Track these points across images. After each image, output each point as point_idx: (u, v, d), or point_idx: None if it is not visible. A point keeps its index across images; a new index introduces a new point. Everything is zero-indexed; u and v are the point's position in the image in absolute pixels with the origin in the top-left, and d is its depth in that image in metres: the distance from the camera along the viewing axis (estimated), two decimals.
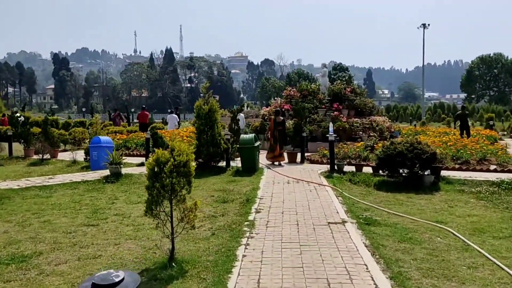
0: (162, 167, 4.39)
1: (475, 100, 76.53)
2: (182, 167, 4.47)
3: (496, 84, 78.61)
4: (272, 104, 20.33)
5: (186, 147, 4.56)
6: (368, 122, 17.81)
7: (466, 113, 18.63)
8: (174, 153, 4.48)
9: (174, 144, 4.53)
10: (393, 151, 9.62)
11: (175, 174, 4.42)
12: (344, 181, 10.32)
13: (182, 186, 4.50)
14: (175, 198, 4.53)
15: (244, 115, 51.45)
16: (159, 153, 4.46)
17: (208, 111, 12.02)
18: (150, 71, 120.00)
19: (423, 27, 60.35)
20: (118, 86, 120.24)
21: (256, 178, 10.73)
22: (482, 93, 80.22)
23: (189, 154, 4.56)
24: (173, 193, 4.45)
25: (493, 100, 72.75)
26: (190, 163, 4.56)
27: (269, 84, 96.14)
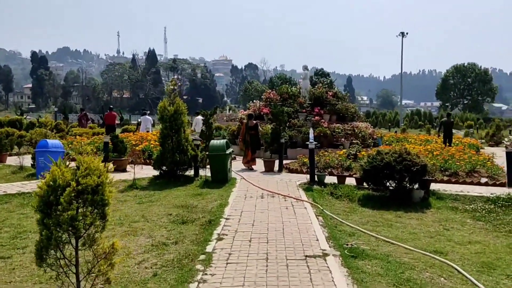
0: (59, 194, 3.05)
1: (450, 108, 77.48)
2: (91, 194, 3.14)
3: (469, 92, 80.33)
4: (251, 107, 19.10)
5: (98, 163, 3.25)
6: (350, 128, 16.75)
7: (452, 121, 17.74)
8: (79, 173, 3.15)
9: (80, 158, 3.20)
10: (380, 162, 8.48)
11: (81, 203, 3.11)
12: (325, 195, 9.15)
13: (91, 221, 3.17)
14: (82, 238, 3.20)
15: (226, 118, 50.11)
16: (56, 172, 3.11)
17: (173, 113, 10.69)
18: (132, 72, 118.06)
19: (401, 35, 60.38)
20: (98, 87, 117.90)
21: (226, 191, 9.45)
22: (456, 101, 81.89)
23: (104, 173, 3.25)
24: (75, 232, 3.10)
25: (467, 108, 73.77)
26: (105, 188, 3.24)
27: (252, 88, 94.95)
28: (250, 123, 13.14)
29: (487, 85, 78.03)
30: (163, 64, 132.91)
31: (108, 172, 3.35)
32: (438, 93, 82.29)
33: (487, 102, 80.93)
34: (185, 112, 11.05)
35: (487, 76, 78.57)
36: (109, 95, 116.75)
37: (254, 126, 13.11)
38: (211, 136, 12.63)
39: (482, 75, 78.27)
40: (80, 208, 3.13)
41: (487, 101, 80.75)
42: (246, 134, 12.97)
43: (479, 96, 78.88)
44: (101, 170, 3.21)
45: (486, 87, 77.80)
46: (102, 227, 3.27)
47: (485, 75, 78.55)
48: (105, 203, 3.23)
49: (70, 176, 3.09)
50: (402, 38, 57.97)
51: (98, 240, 3.32)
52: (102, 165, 3.37)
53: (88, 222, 3.13)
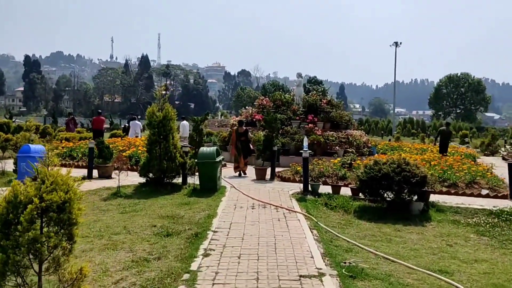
0: (20, 212, 2.58)
1: (443, 117, 77.70)
2: (56, 211, 2.67)
3: (462, 102, 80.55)
4: (243, 114, 18.68)
5: (67, 177, 2.77)
6: (344, 136, 16.38)
7: (450, 131, 17.46)
8: (44, 188, 2.67)
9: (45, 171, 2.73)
10: (377, 172, 8.08)
11: (45, 223, 2.63)
12: (319, 206, 8.72)
13: (56, 243, 2.69)
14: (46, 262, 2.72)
15: (218, 124, 49.62)
16: (18, 187, 2.63)
17: (162, 119, 10.23)
18: (124, 77, 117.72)
19: (395, 45, 60.58)
20: (90, 91, 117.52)
21: (215, 200, 8.98)
22: (449, 110, 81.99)
23: (72, 188, 2.77)
24: (38, 255, 2.62)
25: (460, 118, 74.01)
26: (74, 205, 2.76)
27: (244, 94, 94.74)
28: (240, 129, 13.10)
29: (480, 95, 78.20)
30: (156, 69, 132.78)
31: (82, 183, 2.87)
32: (431, 102, 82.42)
33: (480, 111, 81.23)
34: (174, 118, 10.60)
35: (480, 86, 78.80)
36: (101, 99, 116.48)
37: (244, 132, 13.10)
38: (201, 142, 12.17)
39: (475, 85, 78.47)
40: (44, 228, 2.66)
41: (480, 111, 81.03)
42: (237, 140, 12.90)
43: (472, 105, 79.08)
44: (69, 185, 2.74)
45: (479, 97, 77.98)
46: (69, 249, 2.79)
47: (478, 85, 78.77)
48: (72, 222, 2.76)
49: (34, 192, 2.61)
50: (395, 48, 58.15)
51: (65, 264, 2.84)
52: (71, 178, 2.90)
53: (53, 244, 2.65)
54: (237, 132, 13.06)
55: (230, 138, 16.18)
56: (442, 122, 66.14)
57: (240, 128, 13.22)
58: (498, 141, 24.35)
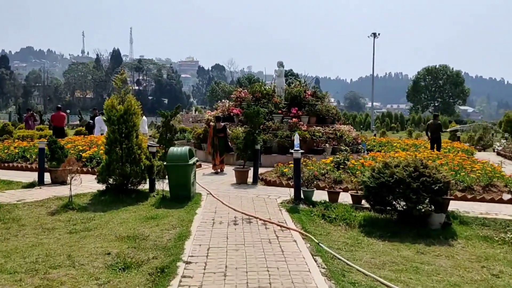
0: None
1: (421, 110, 77.48)
2: None
3: (440, 95, 79.91)
4: (219, 108, 16.98)
5: None
6: (332, 131, 14.93)
7: (439, 123, 16.21)
8: None
9: None
10: (390, 178, 6.58)
11: None
12: (316, 218, 7.19)
13: None
14: None
15: (192, 119, 47.65)
16: None
17: (123, 113, 8.46)
18: (95, 72, 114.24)
19: (373, 36, 59.97)
20: (60, 86, 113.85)
21: (188, 212, 7.32)
22: (427, 103, 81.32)
23: None
24: None
25: (438, 111, 73.97)
26: None
27: (219, 89, 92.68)
28: (218, 125, 12.52)
29: (459, 88, 77.61)
30: (128, 64, 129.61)
31: None
32: (409, 95, 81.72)
33: (458, 104, 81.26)
34: (139, 113, 8.85)
35: (459, 79, 78.09)
36: (72, 95, 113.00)
37: (222, 128, 12.55)
38: (172, 141, 10.44)
39: (454, 77, 77.70)
40: None
41: (459, 104, 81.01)
42: (214, 137, 12.37)
43: (450, 98, 78.77)
44: None
45: (457, 90, 77.48)
46: None
47: (457, 77, 78.05)
48: None
49: None
50: (374, 39, 57.44)
51: None
52: None
53: None
54: (215, 128, 12.44)
55: (207, 135, 14.62)
56: (414, 116, 65.98)
57: (218, 124, 12.55)
58: (490, 135, 23.44)
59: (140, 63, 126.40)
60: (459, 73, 79.46)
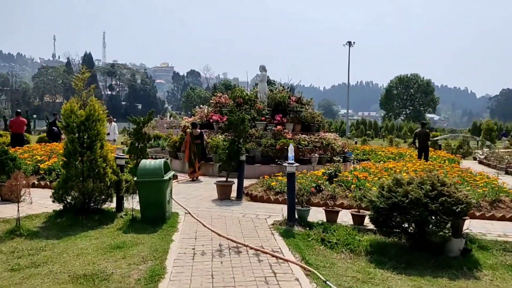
0: None
1: (393, 118, 78.43)
2: None
3: (412, 103, 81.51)
4: (197, 113, 15.76)
5: None
6: (318, 139, 13.94)
7: (427, 131, 15.51)
8: None
9: None
10: (403, 198, 5.56)
11: None
12: (315, 244, 6.10)
13: None
14: None
15: (167, 125, 45.97)
16: None
17: (85, 120, 7.17)
18: (66, 76, 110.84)
19: (348, 44, 60.00)
20: (29, 91, 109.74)
21: (163, 239, 6.10)
22: (399, 111, 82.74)
23: None
24: None
25: (410, 118, 74.93)
26: None
27: (194, 94, 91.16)
28: (194, 132, 12.41)
29: (429, 96, 79.37)
30: (101, 68, 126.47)
31: None
32: (382, 103, 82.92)
33: (428, 112, 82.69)
34: (104, 119, 7.56)
35: (429, 87, 79.90)
36: (41, 99, 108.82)
37: (199, 135, 12.49)
38: (145, 151, 9.18)
39: (425, 86, 79.43)
40: None
41: (429, 111, 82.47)
42: (192, 144, 12.09)
43: (421, 106, 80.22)
44: None
45: (428, 98, 79.23)
46: None
47: (428, 86, 79.87)
48: None
49: None
50: (349, 47, 57.43)
51: None
52: None
53: None
54: (192, 135, 12.21)
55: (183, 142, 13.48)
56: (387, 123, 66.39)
57: (195, 130, 12.48)
58: (469, 143, 23.05)
59: (113, 68, 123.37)
60: (429, 82, 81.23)
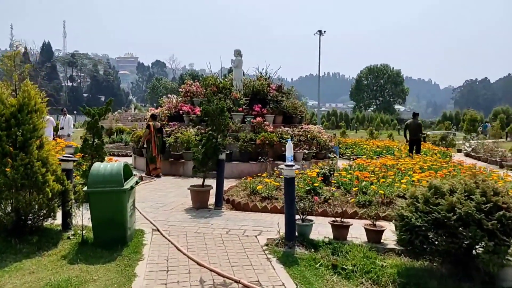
0: None
1: (364, 109, 78.41)
2: None
3: (382, 93, 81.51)
4: (165, 104, 13.98)
5: None
6: (301, 132, 12.50)
7: (419, 123, 14.35)
8: None
9: None
10: (449, 212, 4.16)
11: None
12: (325, 272, 4.65)
13: None
14: None
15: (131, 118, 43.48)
16: None
17: (17, 111, 5.38)
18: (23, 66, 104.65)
19: (319, 33, 58.92)
20: None
21: (122, 273, 4.46)
22: (370, 102, 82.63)
23: None
24: None
25: (380, 109, 75.14)
26: None
27: (160, 85, 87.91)
28: (156, 125, 11.56)
29: (399, 87, 79.51)
30: (61, 58, 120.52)
31: None
32: (352, 93, 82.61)
33: (398, 103, 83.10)
34: (43, 110, 5.78)
35: (399, 78, 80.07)
36: None
37: (160, 128, 11.70)
38: (101, 149, 7.43)
39: (395, 77, 79.50)
40: None
41: (398, 102, 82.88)
42: (156, 138, 11.28)
43: (391, 97, 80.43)
44: None
45: (398, 89, 79.41)
46: None
47: (397, 76, 79.97)
48: None
49: None
50: (319, 37, 56.23)
51: None
52: None
53: None
54: (155, 128, 11.37)
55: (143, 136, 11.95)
56: (358, 115, 66.45)
57: (155, 123, 11.60)
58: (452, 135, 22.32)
59: (73, 58, 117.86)
60: (399, 72, 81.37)
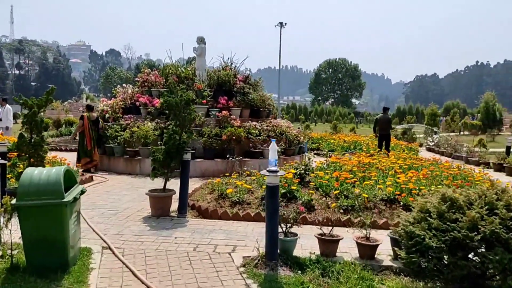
0: None
1: (322, 102, 79.19)
2: None
3: (339, 87, 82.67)
4: (119, 95, 12.66)
5: None
6: (270, 127, 11.65)
7: (389, 118, 13.91)
8: None
9: None
10: (471, 231, 3.43)
11: None
12: None
13: None
14: None
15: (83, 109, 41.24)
16: None
17: None
18: None
19: (280, 26, 58.43)
20: None
21: None
22: (328, 95, 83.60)
23: None
24: None
25: (338, 103, 76.13)
26: None
27: (114, 75, 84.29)
28: (91, 116, 10.90)
29: (356, 81, 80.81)
30: (7, 45, 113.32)
31: None
32: (311, 87, 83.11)
33: (355, 97, 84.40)
34: None
35: (357, 72, 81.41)
36: None
37: (96, 120, 11.06)
38: (41, 147, 6.24)
39: (352, 71, 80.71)
40: None
41: (355, 96, 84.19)
42: (91, 130, 10.65)
43: (348, 91, 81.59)
44: None
45: (355, 83, 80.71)
46: None
47: (355, 70, 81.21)
48: None
49: None
50: (280, 29, 55.69)
51: None
52: None
53: None
54: (89, 119, 10.69)
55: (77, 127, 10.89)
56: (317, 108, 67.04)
57: (92, 114, 10.98)
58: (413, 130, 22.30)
59: (21, 44, 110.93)
60: (357, 66, 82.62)
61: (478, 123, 34.05)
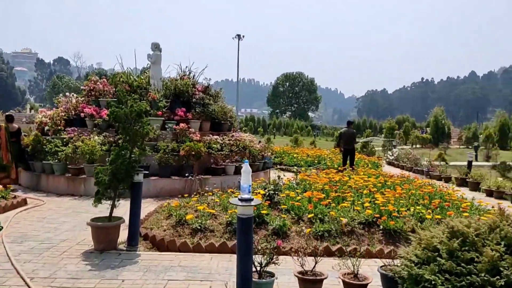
0: None
1: (280, 114, 79.81)
2: None
3: (297, 100, 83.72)
4: (61, 104, 11.34)
5: None
6: (232, 141, 10.80)
7: (353, 131, 13.52)
8: None
9: None
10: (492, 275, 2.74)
11: None
12: None
13: None
14: None
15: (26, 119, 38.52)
16: None
17: None
18: None
19: (238, 38, 58.32)
20: None
21: None
22: (285, 108, 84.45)
23: None
24: None
25: (295, 116, 76.93)
26: None
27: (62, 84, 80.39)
28: (11, 127, 10.18)
29: (313, 94, 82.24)
30: None
31: None
32: (269, 100, 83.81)
33: (311, 110, 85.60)
34: None
35: (313, 86, 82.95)
36: None
37: (16, 131, 10.42)
38: None
39: (309, 84, 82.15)
40: None
41: (312, 110, 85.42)
42: (8, 143, 9.63)
43: (305, 104, 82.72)
44: None
45: (311, 96, 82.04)
46: None
47: (311, 84, 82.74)
48: None
49: None
50: (238, 41, 55.45)
51: None
52: None
53: None
54: (7, 131, 9.65)
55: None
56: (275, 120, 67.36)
57: (11, 125, 10.33)
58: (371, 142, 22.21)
59: None
60: (313, 80, 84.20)
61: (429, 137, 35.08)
